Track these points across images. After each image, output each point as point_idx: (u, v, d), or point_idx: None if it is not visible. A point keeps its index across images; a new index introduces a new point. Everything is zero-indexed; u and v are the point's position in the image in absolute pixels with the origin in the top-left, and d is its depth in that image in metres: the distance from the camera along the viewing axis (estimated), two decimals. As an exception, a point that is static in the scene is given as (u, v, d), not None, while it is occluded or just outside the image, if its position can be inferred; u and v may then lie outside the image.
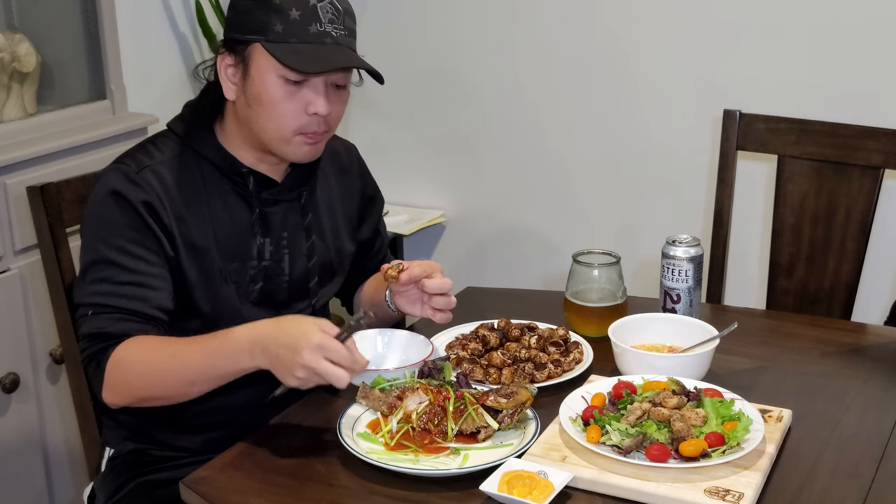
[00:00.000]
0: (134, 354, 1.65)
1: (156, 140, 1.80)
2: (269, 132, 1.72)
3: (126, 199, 1.70)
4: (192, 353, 1.63)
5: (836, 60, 2.82)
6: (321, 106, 1.70)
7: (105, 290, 1.68)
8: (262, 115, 1.71)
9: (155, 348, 1.66)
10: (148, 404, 1.71)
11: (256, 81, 1.70)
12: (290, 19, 1.67)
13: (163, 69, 3.04)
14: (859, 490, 1.46)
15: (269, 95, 1.69)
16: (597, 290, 1.97)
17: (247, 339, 1.58)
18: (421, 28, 3.34)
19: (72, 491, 2.59)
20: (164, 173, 1.73)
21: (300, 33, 1.67)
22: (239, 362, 1.59)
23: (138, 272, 1.69)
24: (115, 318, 1.67)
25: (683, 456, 1.47)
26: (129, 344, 1.65)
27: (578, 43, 3.14)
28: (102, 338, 1.66)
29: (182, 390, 1.66)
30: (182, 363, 1.63)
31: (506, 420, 1.58)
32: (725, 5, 2.93)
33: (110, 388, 1.66)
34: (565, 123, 3.22)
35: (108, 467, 1.87)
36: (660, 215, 3.13)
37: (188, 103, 1.84)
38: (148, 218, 1.70)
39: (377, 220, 2.05)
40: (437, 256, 3.52)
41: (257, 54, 1.69)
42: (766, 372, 1.83)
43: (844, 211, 2.27)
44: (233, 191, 1.78)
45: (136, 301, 1.68)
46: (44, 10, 2.72)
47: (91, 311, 1.68)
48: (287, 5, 1.67)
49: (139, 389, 1.67)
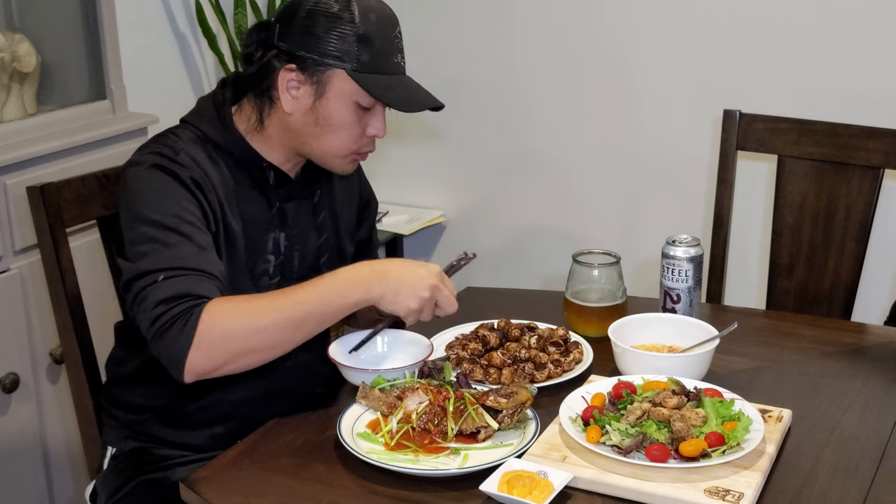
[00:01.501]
0: (231, 303, 1.59)
1: (175, 131, 1.78)
2: (327, 149, 1.76)
3: (174, 172, 1.68)
4: (301, 292, 1.61)
5: (836, 60, 2.82)
6: (381, 131, 1.78)
7: (174, 255, 1.61)
8: (326, 133, 1.74)
9: (254, 297, 1.64)
10: (237, 364, 1.61)
11: (332, 104, 1.72)
12: (374, 49, 1.71)
13: (163, 69, 3.04)
14: (859, 490, 1.46)
15: (342, 119, 1.73)
16: (597, 290, 1.97)
17: (365, 268, 1.64)
18: (421, 29, 3.34)
19: (72, 490, 2.59)
20: (197, 156, 1.73)
21: (383, 65, 1.73)
22: (354, 293, 1.62)
23: (197, 240, 1.64)
24: (195, 278, 1.60)
25: (683, 456, 1.47)
26: (221, 299, 1.59)
27: (579, 43, 3.14)
28: (188, 298, 1.58)
29: (286, 335, 1.60)
30: (291, 302, 1.60)
31: (506, 420, 1.58)
32: (725, 5, 2.93)
33: (200, 348, 1.56)
34: (566, 123, 3.22)
35: (110, 466, 1.88)
36: (660, 215, 3.13)
37: (203, 98, 1.83)
38: (196, 192, 1.69)
39: (372, 223, 2.08)
40: (437, 256, 3.52)
41: (338, 81, 1.71)
42: (766, 372, 1.83)
43: (844, 211, 2.27)
44: (250, 184, 1.78)
45: (207, 263, 1.63)
46: (44, 11, 2.72)
47: (163, 276, 1.59)
48: (372, 34, 1.71)
49: (239, 341, 1.58)
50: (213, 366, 1.59)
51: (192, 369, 1.58)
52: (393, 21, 1.77)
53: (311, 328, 1.62)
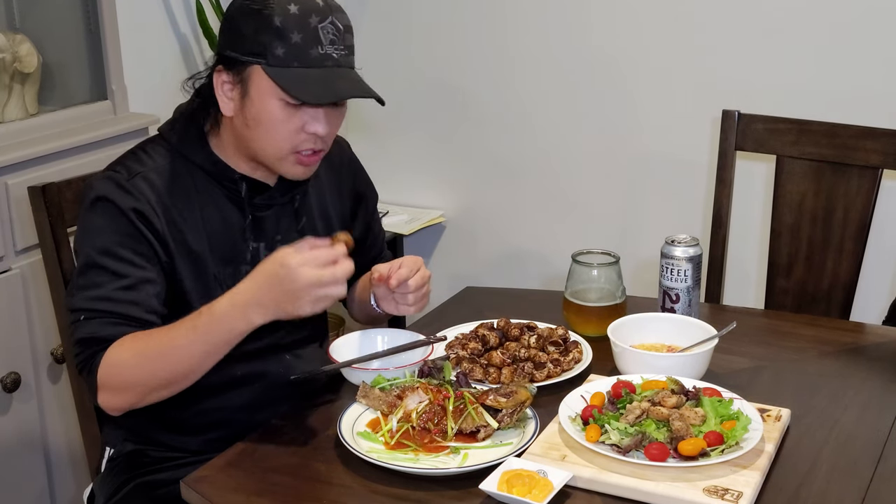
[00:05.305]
0: (124, 350, 1.62)
1: (146, 146, 1.78)
2: (266, 150, 1.71)
3: (115, 204, 1.68)
4: (183, 334, 1.60)
5: (836, 60, 2.82)
6: (320, 127, 1.69)
7: (96, 295, 1.66)
8: (259, 134, 1.69)
9: (144, 338, 1.63)
10: (148, 400, 1.66)
11: (256, 103, 1.67)
12: (291, 42, 1.63)
13: (163, 69, 3.04)
14: (858, 489, 1.47)
15: (269, 116, 1.67)
16: (596, 290, 1.97)
17: (234, 307, 1.57)
18: (421, 31, 3.34)
19: (73, 490, 2.60)
20: (155, 180, 1.72)
21: (302, 57, 1.64)
22: (235, 330, 1.59)
23: (129, 276, 1.66)
24: (105, 322, 1.65)
25: (682, 455, 1.48)
26: (118, 343, 1.63)
27: (578, 43, 3.14)
28: (94, 342, 1.64)
29: (185, 367, 1.62)
30: (176, 346, 1.60)
31: (505, 419, 1.58)
32: (724, 5, 2.93)
33: (106, 391, 1.64)
34: (565, 123, 3.22)
35: (108, 468, 1.87)
36: (659, 215, 3.13)
37: (179, 108, 1.82)
38: (139, 224, 1.68)
39: (370, 216, 2.03)
40: (437, 256, 3.53)
41: (257, 77, 1.66)
42: (765, 371, 1.83)
43: (843, 211, 2.27)
44: (225, 196, 1.77)
45: (128, 305, 1.66)
46: (45, 11, 2.72)
47: (83, 317, 1.66)
48: (288, 27, 1.63)
49: (136, 384, 1.63)
50: (126, 403, 1.67)
51: (108, 406, 1.67)
52: (320, 10, 1.66)
53: (207, 361, 1.63)
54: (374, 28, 3.35)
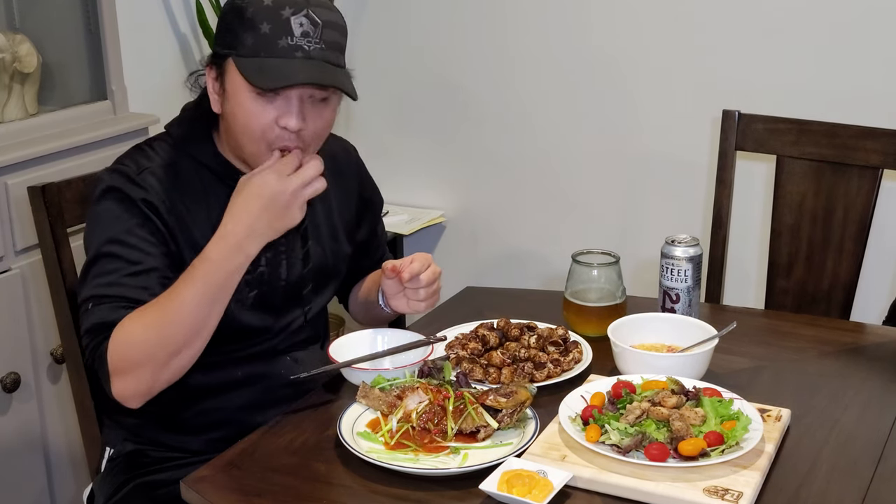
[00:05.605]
0: (130, 324, 1.60)
1: (153, 143, 1.79)
2: (245, 147, 1.70)
3: (127, 195, 1.69)
4: (184, 288, 1.60)
5: (836, 60, 2.82)
6: (291, 121, 1.65)
7: (105, 282, 1.65)
8: (238, 129, 1.69)
9: (146, 309, 1.61)
10: (163, 378, 1.63)
11: (231, 96, 1.68)
12: (260, 33, 1.63)
13: (163, 69, 3.04)
14: (858, 489, 1.47)
15: (242, 110, 1.66)
16: (596, 290, 1.97)
17: (229, 248, 1.60)
18: (421, 31, 3.34)
19: (73, 490, 2.60)
20: (162, 175, 1.72)
21: (269, 48, 1.63)
22: (234, 267, 1.61)
23: (139, 263, 1.66)
24: (114, 306, 1.63)
25: (682, 455, 1.48)
26: (122, 322, 1.61)
27: (578, 43, 3.14)
28: (102, 328, 1.62)
29: (194, 321, 1.60)
30: (180, 302, 1.59)
31: (505, 419, 1.58)
32: (724, 5, 2.93)
33: (119, 376, 1.61)
34: (565, 123, 3.22)
35: (108, 468, 1.87)
36: (659, 215, 3.13)
37: (186, 106, 1.83)
38: (149, 213, 1.69)
39: (375, 221, 2.04)
40: (437, 256, 3.52)
41: (231, 69, 1.67)
42: (765, 371, 1.83)
43: (843, 211, 2.27)
44: (229, 194, 1.75)
45: (138, 290, 1.64)
46: (45, 11, 2.72)
47: (91, 304, 1.65)
48: (258, 19, 1.63)
49: (148, 357, 1.60)
50: (143, 385, 1.62)
51: (124, 395, 1.63)
52: (295, 3, 1.64)
53: (215, 308, 1.62)
54: (374, 28, 3.35)
